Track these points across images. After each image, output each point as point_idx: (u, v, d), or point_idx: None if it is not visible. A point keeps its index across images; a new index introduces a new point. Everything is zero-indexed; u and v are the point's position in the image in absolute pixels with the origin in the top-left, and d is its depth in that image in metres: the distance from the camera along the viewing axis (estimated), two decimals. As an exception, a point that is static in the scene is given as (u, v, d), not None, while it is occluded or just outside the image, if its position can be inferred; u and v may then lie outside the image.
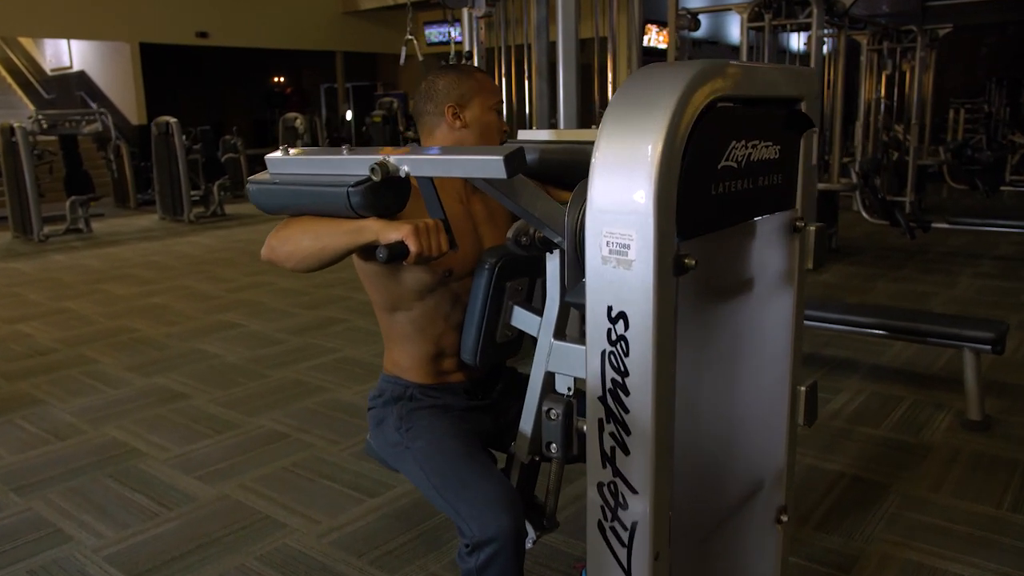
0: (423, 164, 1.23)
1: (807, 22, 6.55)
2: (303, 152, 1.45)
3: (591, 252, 0.93)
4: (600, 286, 0.92)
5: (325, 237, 1.41)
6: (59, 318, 5.29)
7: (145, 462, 3.02)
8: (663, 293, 0.89)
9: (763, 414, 1.28)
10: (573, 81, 3.64)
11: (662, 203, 0.86)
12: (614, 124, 0.91)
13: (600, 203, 0.90)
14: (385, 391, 1.75)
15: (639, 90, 0.91)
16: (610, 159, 0.89)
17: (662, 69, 0.93)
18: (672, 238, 0.89)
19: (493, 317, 1.65)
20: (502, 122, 1.78)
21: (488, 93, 1.74)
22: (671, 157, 0.87)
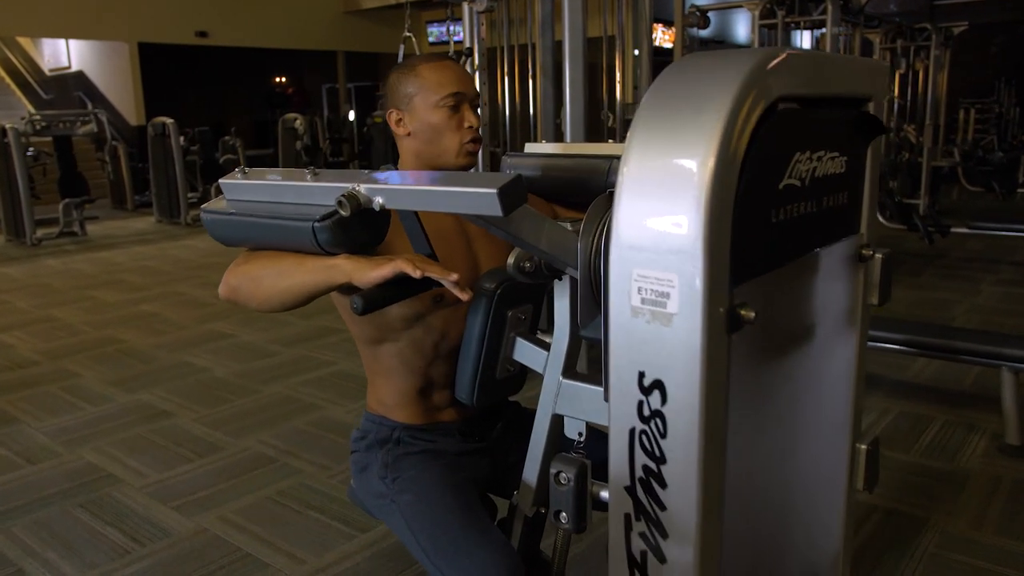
0: (400, 195, 1.02)
1: (821, 19, 6.33)
2: (263, 176, 1.23)
3: (616, 299, 0.71)
4: (628, 346, 0.70)
5: (290, 276, 1.19)
6: (44, 327, 5.09)
7: (120, 489, 2.81)
8: (713, 357, 0.67)
9: (817, 482, 1.06)
10: (580, 81, 3.42)
11: (714, 237, 0.64)
12: (648, 131, 0.69)
13: (629, 236, 0.68)
14: (369, 433, 1.53)
15: (681, 86, 0.69)
16: (643, 178, 0.67)
17: (711, 59, 0.71)
18: (726, 283, 0.67)
19: (492, 351, 1.43)
20: (465, 117, 1.48)
21: (431, 87, 1.45)
22: (726, 175, 0.65)
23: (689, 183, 0.64)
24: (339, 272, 1.14)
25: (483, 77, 3.69)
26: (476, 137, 1.51)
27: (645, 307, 0.68)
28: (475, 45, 3.61)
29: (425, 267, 1.12)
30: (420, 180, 1.02)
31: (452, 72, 1.48)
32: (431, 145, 1.48)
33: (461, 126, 1.48)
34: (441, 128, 1.47)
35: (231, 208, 1.22)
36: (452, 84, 1.46)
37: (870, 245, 1.00)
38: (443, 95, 1.45)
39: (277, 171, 1.22)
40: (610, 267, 0.71)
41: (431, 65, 1.48)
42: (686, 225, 0.64)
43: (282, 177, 1.17)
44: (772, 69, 0.69)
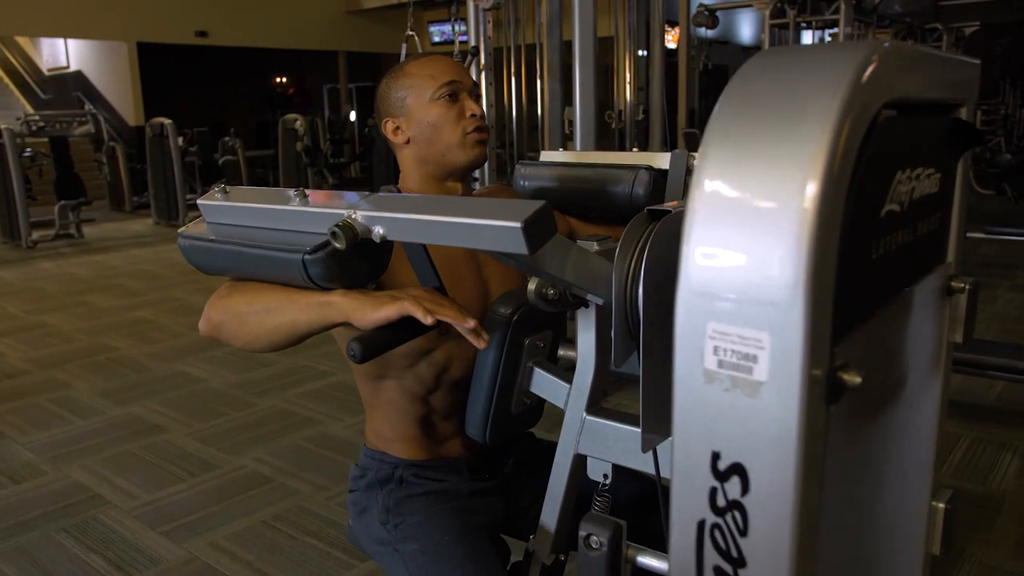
0: (404, 226, 0.86)
1: (833, 19, 6.18)
2: (246, 197, 1.07)
3: (685, 360, 0.56)
4: (699, 419, 0.55)
5: (279, 313, 1.04)
6: (35, 334, 4.94)
7: (107, 512, 2.66)
8: (810, 435, 0.52)
9: (889, 544, 0.91)
10: (591, 82, 3.28)
11: (818, 283, 0.50)
12: (730, 147, 0.54)
13: (703, 281, 0.54)
14: (368, 470, 1.38)
15: (769, 90, 0.54)
16: (724, 207, 0.53)
17: (798, 56, 0.56)
18: (827, 341, 0.52)
19: (507, 383, 1.28)
20: (465, 106, 1.33)
21: (423, 82, 1.32)
22: (833, 203, 0.50)
23: (788, 214, 0.49)
24: (335, 311, 1.00)
25: (489, 77, 3.55)
26: (482, 126, 1.35)
27: (723, 372, 0.53)
28: (481, 44, 3.47)
29: (436, 310, 0.97)
30: (427, 207, 0.86)
31: (443, 63, 1.36)
32: (433, 146, 1.34)
33: (463, 115, 1.33)
34: (440, 123, 1.32)
35: (211, 233, 1.07)
36: (445, 74, 1.33)
37: (958, 275, 0.85)
38: (437, 86, 1.32)
39: (263, 191, 1.07)
40: (678, 318, 0.56)
41: (419, 62, 1.36)
42: (783, 268, 0.50)
43: (268, 199, 1.02)
44: (879, 68, 0.54)
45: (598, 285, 0.96)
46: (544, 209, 0.77)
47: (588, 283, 0.95)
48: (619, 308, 0.93)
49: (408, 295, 0.98)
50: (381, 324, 0.97)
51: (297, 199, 0.96)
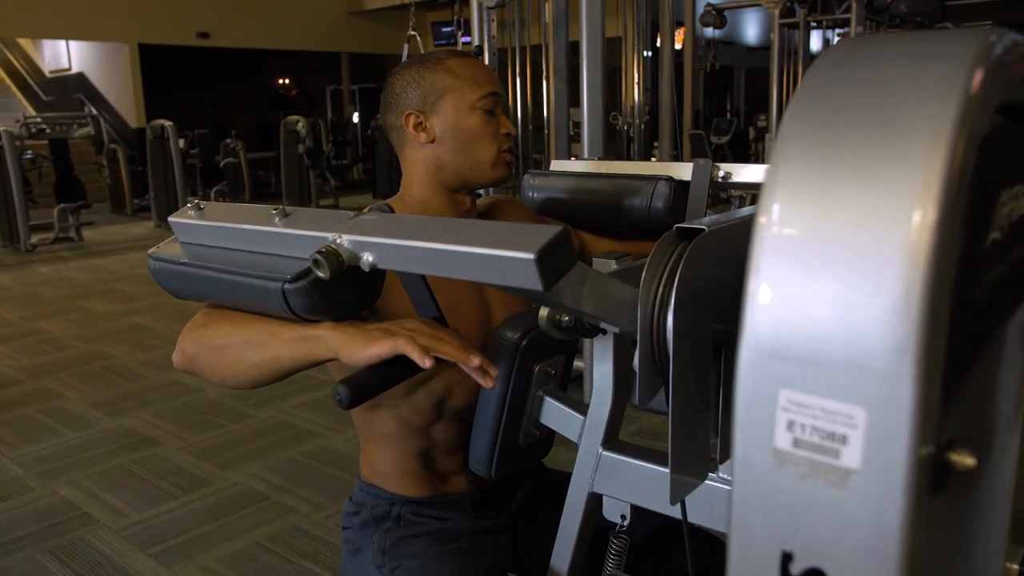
0: (398, 254, 0.74)
1: (844, 18, 6.06)
2: (222, 214, 0.94)
3: (746, 434, 0.44)
4: (764, 509, 0.44)
5: (260, 348, 0.92)
6: (30, 341, 4.83)
7: (95, 532, 2.55)
8: (913, 534, 0.40)
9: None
10: (599, 82, 3.16)
11: (932, 341, 0.38)
12: (812, 158, 0.42)
13: (776, 338, 0.42)
14: (363, 506, 1.26)
15: (859, 87, 0.43)
16: (806, 239, 0.41)
17: (890, 48, 0.44)
18: (936, 415, 0.40)
19: (515, 413, 1.16)
20: (501, 123, 1.24)
21: (466, 84, 1.21)
22: (949, 234, 0.38)
23: (896, 251, 0.38)
24: (322, 346, 0.88)
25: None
26: (511, 147, 1.28)
27: (800, 454, 0.42)
28: (485, 43, 3.35)
29: (435, 346, 0.84)
30: (422, 232, 0.73)
31: (485, 70, 1.26)
32: (462, 155, 1.22)
33: (499, 133, 1.24)
34: (478, 134, 1.22)
35: (184, 256, 0.94)
36: (490, 83, 1.23)
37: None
38: (482, 94, 1.21)
39: (241, 208, 0.94)
40: (739, 380, 0.44)
41: (461, 60, 1.23)
42: (889, 324, 0.38)
43: (245, 218, 0.89)
44: (994, 64, 0.42)
45: (620, 314, 0.84)
46: (561, 236, 0.64)
47: (609, 313, 0.83)
48: (645, 340, 0.82)
49: (403, 330, 0.86)
50: (372, 362, 0.85)
51: (277, 218, 0.84)
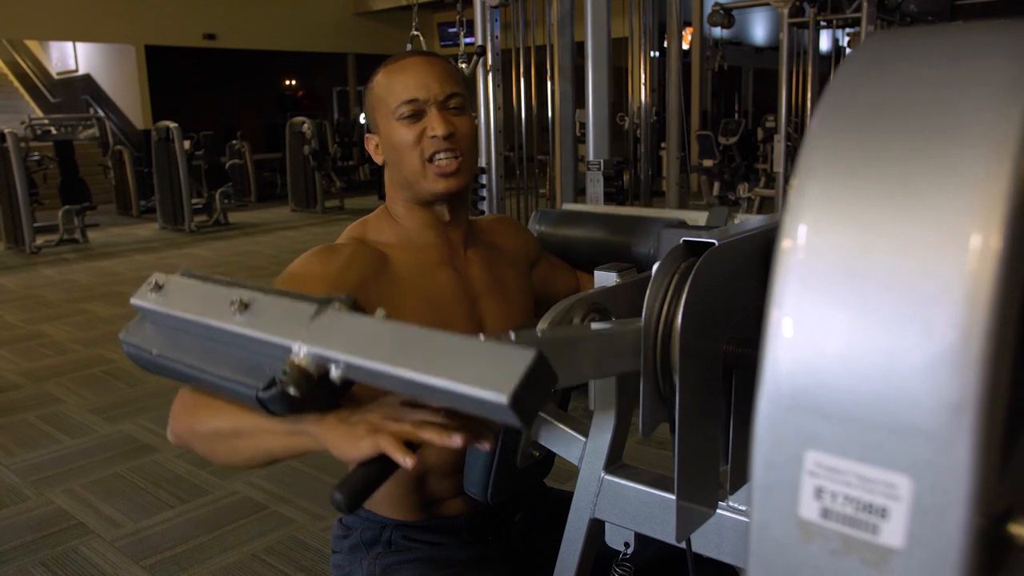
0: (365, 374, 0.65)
1: (855, 17, 5.97)
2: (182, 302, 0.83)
3: (765, 500, 0.37)
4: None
5: (249, 439, 0.86)
6: (31, 345, 4.79)
7: (89, 543, 2.49)
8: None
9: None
10: (604, 83, 3.09)
11: (992, 397, 0.31)
12: (843, 171, 0.36)
13: (800, 387, 0.35)
14: (353, 530, 1.20)
15: (902, 86, 0.36)
16: (839, 270, 0.34)
17: (947, 37, 0.38)
18: (995, 481, 0.34)
19: (512, 434, 1.10)
20: (428, 124, 1.12)
21: (386, 95, 1.14)
22: (1015, 264, 0.31)
23: (949, 289, 0.31)
24: (311, 441, 0.82)
25: (496, 79, 3.37)
26: (445, 148, 1.13)
27: (830, 527, 0.35)
28: (488, 43, 3.29)
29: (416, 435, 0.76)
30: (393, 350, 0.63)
31: (412, 69, 1.15)
32: (399, 169, 1.16)
33: (422, 137, 1.13)
34: (401, 145, 1.14)
35: (154, 344, 0.85)
36: (406, 88, 1.13)
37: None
38: (397, 103, 1.13)
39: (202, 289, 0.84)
40: (756, 434, 0.37)
41: (388, 68, 1.17)
42: (942, 376, 0.31)
43: (207, 306, 0.79)
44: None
45: (625, 360, 0.77)
46: (534, 370, 0.55)
47: (616, 366, 0.76)
48: (648, 367, 0.75)
49: (385, 426, 0.78)
50: (361, 460, 0.78)
51: (237, 313, 0.75)
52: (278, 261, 7.39)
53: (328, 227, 9.60)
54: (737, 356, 0.78)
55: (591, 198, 3.07)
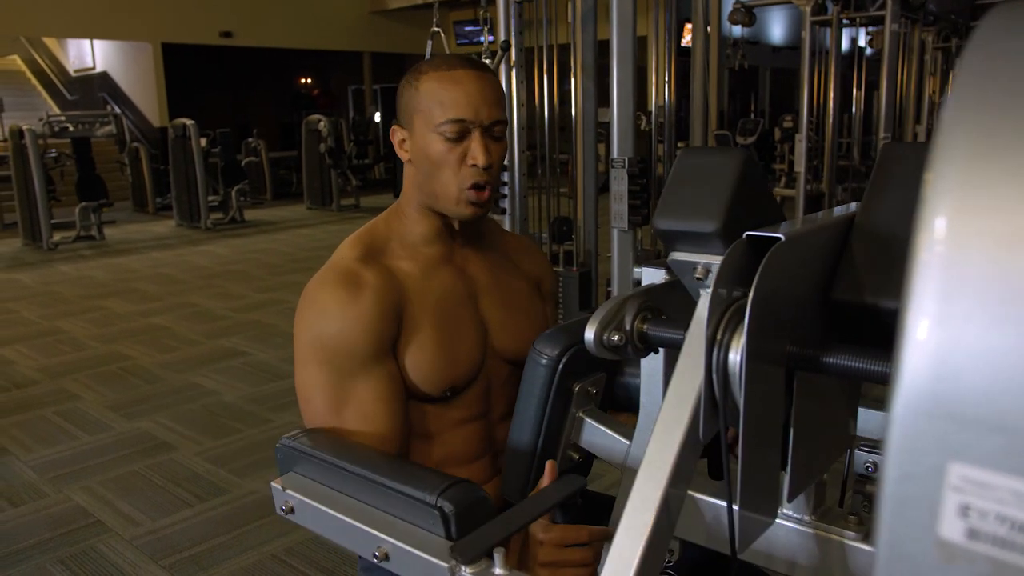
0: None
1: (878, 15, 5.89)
2: (321, 522, 0.99)
3: (895, 516, 0.33)
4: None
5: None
6: (48, 341, 4.79)
7: (107, 542, 2.47)
8: None
9: None
10: (629, 81, 3.05)
11: None
12: (992, 148, 0.32)
13: (940, 390, 0.31)
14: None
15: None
16: (991, 259, 0.30)
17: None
18: None
19: (552, 436, 1.06)
20: (470, 150, 1.10)
21: (432, 105, 1.10)
22: None
23: None
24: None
25: (520, 75, 3.33)
26: (483, 182, 1.12)
27: (978, 549, 0.31)
28: (513, 38, 3.25)
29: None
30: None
31: (464, 87, 1.10)
32: (428, 182, 1.14)
33: (462, 163, 1.11)
34: (438, 161, 1.11)
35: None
36: (458, 105, 1.09)
37: None
38: (444, 119, 1.09)
39: (338, 519, 0.97)
40: (889, 443, 0.33)
41: (439, 74, 1.11)
42: None
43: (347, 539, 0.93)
44: None
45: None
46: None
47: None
48: (708, 370, 0.71)
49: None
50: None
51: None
52: (294, 259, 7.38)
53: (343, 225, 9.59)
54: (801, 358, 0.74)
55: (615, 196, 3.03)
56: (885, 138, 4.93)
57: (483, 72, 1.14)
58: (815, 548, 0.89)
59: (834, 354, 0.72)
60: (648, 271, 0.94)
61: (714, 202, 0.76)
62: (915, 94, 6.77)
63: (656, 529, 0.73)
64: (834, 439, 0.92)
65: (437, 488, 0.87)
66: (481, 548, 0.79)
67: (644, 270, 0.94)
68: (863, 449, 1.04)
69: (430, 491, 0.87)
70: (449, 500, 0.87)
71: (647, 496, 0.72)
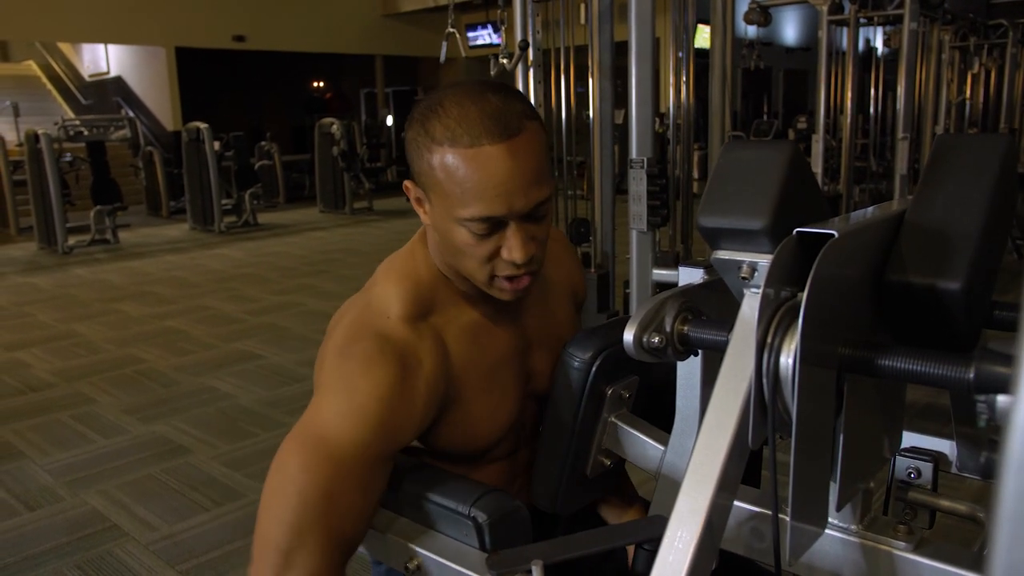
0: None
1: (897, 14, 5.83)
2: None
3: (1017, 531, 0.30)
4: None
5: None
6: (64, 344, 4.79)
7: (123, 546, 2.45)
8: None
9: None
10: (648, 81, 3.01)
11: None
12: None
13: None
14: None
15: None
16: None
17: None
18: None
19: (584, 441, 1.03)
20: (506, 245, 0.92)
21: (456, 189, 0.89)
22: None
23: None
24: None
25: (538, 75, 3.30)
26: (520, 274, 0.95)
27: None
28: (531, 37, 3.22)
29: None
30: None
31: (493, 175, 0.88)
32: (453, 260, 0.98)
33: (495, 256, 0.94)
34: (462, 251, 0.94)
35: None
36: (485, 199, 0.88)
37: None
38: (467, 216, 0.90)
39: None
40: (1009, 452, 0.30)
41: (459, 152, 0.88)
42: None
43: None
44: None
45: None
46: None
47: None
48: (756, 374, 0.68)
49: None
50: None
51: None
52: (307, 261, 7.37)
53: (356, 228, 9.59)
54: (855, 360, 0.70)
55: (633, 197, 2.99)
56: (904, 138, 4.87)
57: (517, 138, 0.89)
58: (862, 559, 0.86)
59: (891, 356, 0.69)
60: (686, 270, 0.90)
61: (761, 198, 0.73)
62: (933, 94, 6.69)
63: (703, 540, 0.69)
64: (882, 444, 0.89)
65: (470, 498, 0.84)
66: (520, 563, 0.76)
67: (682, 269, 0.91)
68: (904, 454, 1.01)
69: (463, 501, 0.84)
70: (482, 510, 0.84)
71: (695, 505, 0.69)
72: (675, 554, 0.77)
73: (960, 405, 0.95)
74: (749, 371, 0.70)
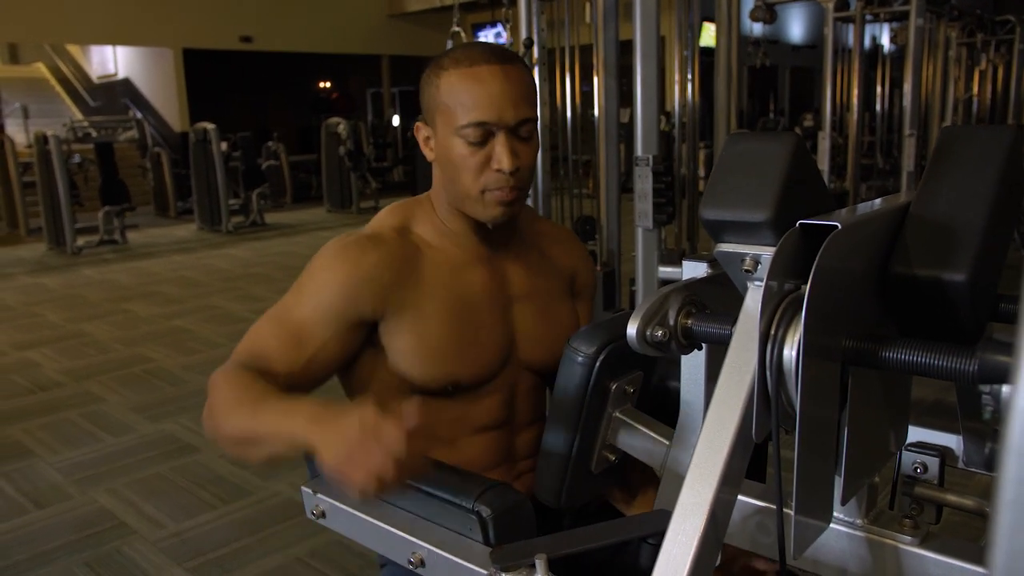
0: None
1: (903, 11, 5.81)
2: (353, 526, 1.02)
3: (1016, 520, 0.30)
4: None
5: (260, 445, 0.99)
6: (73, 344, 4.82)
7: (131, 544, 2.46)
8: None
9: None
10: (653, 79, 3.00)
11: None
12: None
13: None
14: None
15: None
16: None
17: None
18: None
19: (589, 436, 1.03)
20: (495, 154, 1.05)
21: (454, 105, 1.04)
22: None
23: None
24: (300, 438, 0.93)
25: (544, 72, 3.30)
26: (509, 185, 1.06)
27: None
28: (535, 35, 3.22)
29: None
30: None
31: (487, 87, 1.04)
32: (451, 184, 1.10)
33: (485, 166, 1.05)
34: (459, 165, 1.06)
35: None
36: (479, 107, 1.03)
37: None
38: (463, 123, 1.04)
39: (373, 525, 1.02)
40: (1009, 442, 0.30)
41: (460, 71, 1.05)
42: None
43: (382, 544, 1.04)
44: None
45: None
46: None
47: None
48: (760, 366, 0.67)
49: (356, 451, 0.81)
50: None
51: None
52: (314, 261, 7.37)
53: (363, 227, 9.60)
54: (859, 352, 0.70)
55: (639, 195, 2.99)
56: (911, 135, 4.85)
57: (509, 65, 1.06)
58: (867, 553, 0.85)
59: (894, 348, 0.68)
60: (689, 264, 0.90)
61: (764, 190, 0.73)
62: (940, 90, 6.66)
63: (707, 533, 0.69)
64: (887, 439, 0.89)
65: (474, 492, 0.84)
66: (524, 556, 0.76)
67: (685, 263, 0.90)
68: (910, 449, 1.00)
69: (467, 495, 0.84)
70: (487, 504, 0.84)
71: (698, 499, 0.69)
72: (679, 548, 0.77)
73: (966, 399, 0.94)
74: (752, 364, 0.69)
